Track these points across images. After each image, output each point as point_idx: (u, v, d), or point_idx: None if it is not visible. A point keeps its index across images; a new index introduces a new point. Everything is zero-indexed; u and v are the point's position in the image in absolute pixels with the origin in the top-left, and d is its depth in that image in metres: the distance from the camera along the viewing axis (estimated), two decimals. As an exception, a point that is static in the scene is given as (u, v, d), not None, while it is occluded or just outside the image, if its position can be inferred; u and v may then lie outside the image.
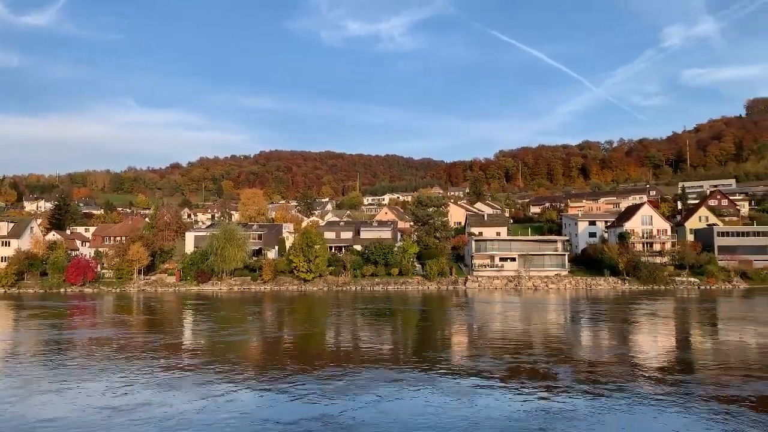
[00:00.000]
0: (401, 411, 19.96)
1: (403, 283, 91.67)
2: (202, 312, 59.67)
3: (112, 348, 34.91)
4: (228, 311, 61.62)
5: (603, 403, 20.67)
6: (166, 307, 66.08)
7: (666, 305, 62.69)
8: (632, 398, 21.37)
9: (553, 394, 22.17)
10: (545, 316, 54.96)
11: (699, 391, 22.52)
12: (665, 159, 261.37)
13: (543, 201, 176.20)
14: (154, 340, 38.15)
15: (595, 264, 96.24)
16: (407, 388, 23.39)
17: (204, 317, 54.90)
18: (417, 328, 46.17)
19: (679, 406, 20.29)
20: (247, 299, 73.80)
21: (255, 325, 47.47)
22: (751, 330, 42.24)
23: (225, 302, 71.70)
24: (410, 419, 18.92)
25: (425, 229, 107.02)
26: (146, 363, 29.44)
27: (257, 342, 38.04)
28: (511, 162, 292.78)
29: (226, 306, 67.28)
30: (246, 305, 66.26)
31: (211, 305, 67.24)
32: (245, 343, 37.66)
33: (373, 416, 19.29)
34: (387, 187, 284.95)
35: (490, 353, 32.20)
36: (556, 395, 21.93)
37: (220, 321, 51.19)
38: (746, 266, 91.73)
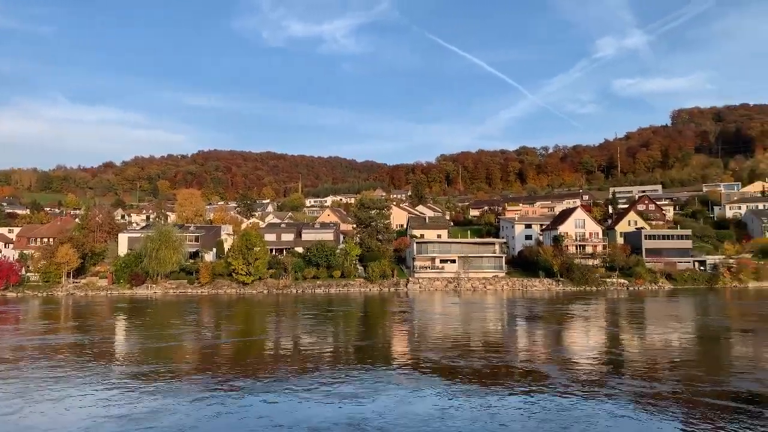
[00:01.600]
0: (330, 414, 19.93)
1: (345, 286, 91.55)
2: (135, 317, 57.51)
3: (26, 356, 33.09)
4: (163, 315, 59.67)
5: (537, 400, 21.30)
6: (96, 312, 63.27)
7: (597, 305, 65.35)
8: (565, 394, 22.12)
9: (489, 392, 22.67)
10: (484, 316, 56.15)
11: (627, 388, 23.57)
12: (597, 165, 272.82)
13: (482, 204, 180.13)
14: (78, 346, 36.47)
15: (531, 266, 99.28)
16: (340, 391, 23.36)
17: (137, 322, 52.93)
18: (358, 330, 46.18)
19: (609, 401, 21.17)
20: (183, 303, 71.70)
21: (190, 330, 46.19)
22: (675, 329, 44.62)
23: (160, 306, 69.39)
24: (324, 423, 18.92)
25: (368, 232, 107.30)
26: (54, 371, 28.10)
27: (192, 348, 37.03)
28: (452, 166, 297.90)
29: (161, 310, 65.12)
30: (182, 309, 64.36)
31: (145, 309, 64.92)
32: (178, 349, 36.58)
33: (295, 421, 19.19)
34: (330, 189, 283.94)
35: (431, 354, 32.60)
36: (492, 394, 22.44)
37: (153, 326, 49.50)
38: (671, 268, 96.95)
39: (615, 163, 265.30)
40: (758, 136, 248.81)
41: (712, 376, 25.95)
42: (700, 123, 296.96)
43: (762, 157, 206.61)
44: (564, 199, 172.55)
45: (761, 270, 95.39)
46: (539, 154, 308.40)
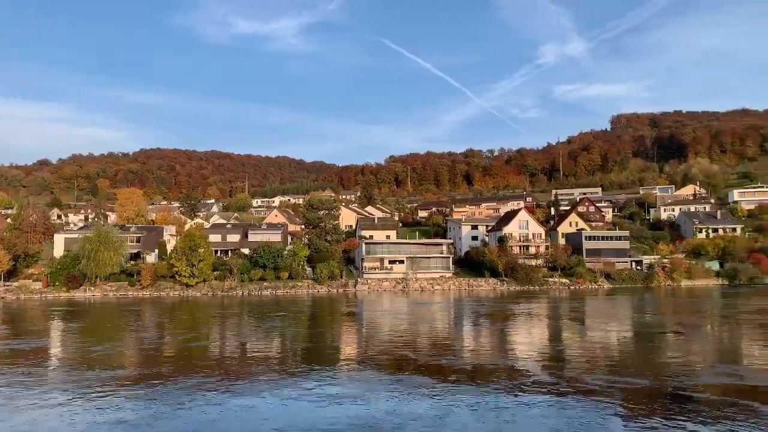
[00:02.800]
0: (271, 415, 19.67)
1: (293, 287, 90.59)
2: (71, 320, 55.04)
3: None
4: (101, 319, 57.40)
5: (484, 396, 21.62)
6: (28, 315, 60.18)
7: (540, 305, 67.10)
8: (508, 391, 22.56)
9: (436, 390, 22.86)
10: (432, 316, 56.69)
11: (568, 383, 24.28)
12: (541, 168, 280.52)
13: (430, 206, 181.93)
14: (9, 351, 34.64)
15: (477, 266, 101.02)
16: (284, 393, 23.09)
17: (73, 326, 50.66)
18: (305, 331, 45.76)
19: (551, 397, 21.72)
20: (123, 306, 69.17)
21: (130, 334, 44.61)
22: (613, 327, 46.33)
23: (99, 309, 66.72)
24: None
25: (316, 232, 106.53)
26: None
27: (131, 352, 35.77)
28: (401, 167, 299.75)
29: (99, 313, 62.63)
30: (122, 312, 62.09)
31: (83, 313, 62.27)
32: (116, 354, 35.28)
33: (239, 424, 18.85)
34: (277, 189, 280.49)
35: (377, 354, 32.64)
36: (439, 392, 22.64)
37: (91, 331, 47.53)
38: (609, 268, 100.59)
39: (557, 166, 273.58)
40: (691, 142, 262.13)
41: (647, 372, 27.04)
42: (638, 128, 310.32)
43: (694, 161, 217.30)
44: (509, 200, 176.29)
45: (693, 269, 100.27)
46: (485, 157, 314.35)
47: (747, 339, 38.97)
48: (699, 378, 25.42)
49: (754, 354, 32.56)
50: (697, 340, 38.44)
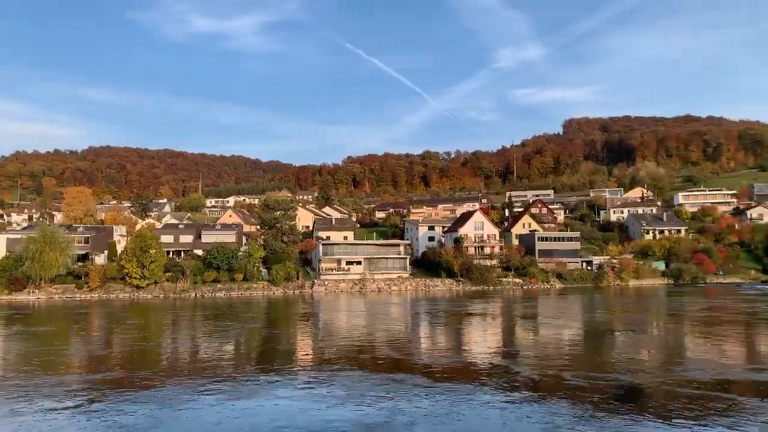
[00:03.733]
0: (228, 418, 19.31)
1: (248, 289, 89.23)
2: (12, 324, 52.62)
3: None
4: (46, 323, 55.12)
5: (440, 394, 21.74)
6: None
7: (495, 304, 68.15)
8: (462, 389, 22.79)
9: (393, 390, 22.87)
10: (389, 316, 56.78)
11: (521, 380, 24.70)
12: (496, 170, 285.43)
13: (388, 206, 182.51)
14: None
15: (433, 266, 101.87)
16: (236, 396, 22.70)
17: (15, 330, 48.44)
18: (259, 334, 45.11)
19: (505, 394, 22.04)
20: (70, 309, 66.64)
21: (76, 338, 43.01)
22: (565, 325, 47.45)
23: (44, 313, 64.07)
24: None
25: (272, 233, 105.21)
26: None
27: (77, 357, 34.47)
28: (359, 168, 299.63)
29: (44, 317, 60.13)
30: (68, 315, 59.81)
31: (26, 316, 59.64)
32: (61, 359, 33.94)
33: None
34: (232, 189, 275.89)
35: (333, 357, 32.45)
36: (396, 391, 22.65)
37: (34, 335, 45.56)
38: (561, 268, 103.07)
39: (512, 168, 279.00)
40: (638, 146, 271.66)
41: (597, 368, 27.78)
42: (589, 132, 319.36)
43: (641, 165, 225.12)
44: (465, 202, 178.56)
45: (640, 269, 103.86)
46: (442, 159, 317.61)
47: (691, 336, 40.54)
48: (646, 373, 26.27)
49: (698, 350, 33.88)
50: (645, 338, 39.74)
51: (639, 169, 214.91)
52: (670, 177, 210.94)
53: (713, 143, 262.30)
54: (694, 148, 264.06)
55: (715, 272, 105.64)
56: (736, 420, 18.23)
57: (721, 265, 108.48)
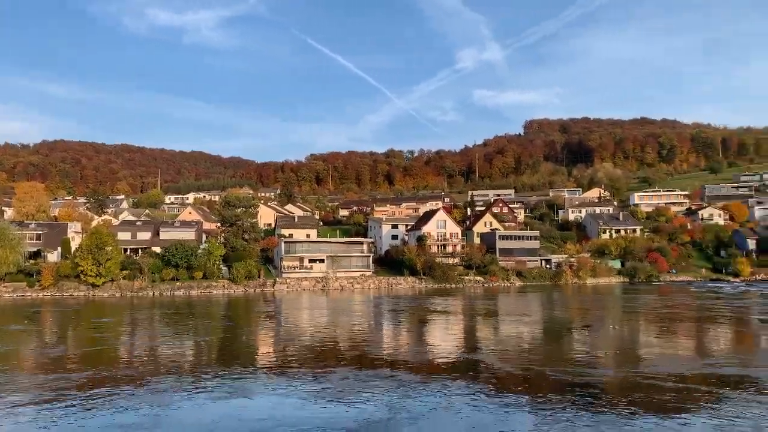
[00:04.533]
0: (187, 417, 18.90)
1: (208, 287, 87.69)
2: None
3: None
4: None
5: (402, 391, 21.76)
6: None
7: (456, 301, 68.78)
8: (428, 384, 22.86)
9: (356, 387, 22.78)
10: (351, 314, 56.65)
11: (482, 377, 24.95)
12: (458, 170, 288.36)
13: (351, 204, 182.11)
14: None
15: (396, 265, 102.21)
16: (204, 394, 22.25)
17: None
18: (219, 333, 44.37)
19: (466, 389, 22.20)
20: (20, 308, 64.20)
21: (27, 338, 41.43)
22: (524, 322, 48.24)
23: None
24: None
25: (233, 231, 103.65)
26: None
27: (30, 357, 33.21)
28: (322, 165, 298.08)
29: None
30: (18, 314, 57.58)
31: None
32: (11, 358, 32.65)
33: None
34: (192, 186, 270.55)
35: (295, 355, 32.16)
36: (359, 389, 22.56)
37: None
38: (521, 266, 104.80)
39: (474, 168, 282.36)
40: (596, 148, 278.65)
41: (556, 364, 28.30)
42: (549, 133, 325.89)
43: (599, 166, 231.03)
44: (428, 201, 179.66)
45: (597, 268, 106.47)
46: (406, 158, 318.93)
47: (646, 333, 41.74)
48: (603, 369, 26.89)
49: (653, 346, 34.88)
50: (602, 334, 40.72)
51: (597, 170, 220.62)
52: (626, 178, 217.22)
53: (667, 145, 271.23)
54: (650, 150, 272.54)
55: (668, 270, 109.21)
56: (693, 411, 18.81)
57: (673, 263, 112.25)
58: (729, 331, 41.90)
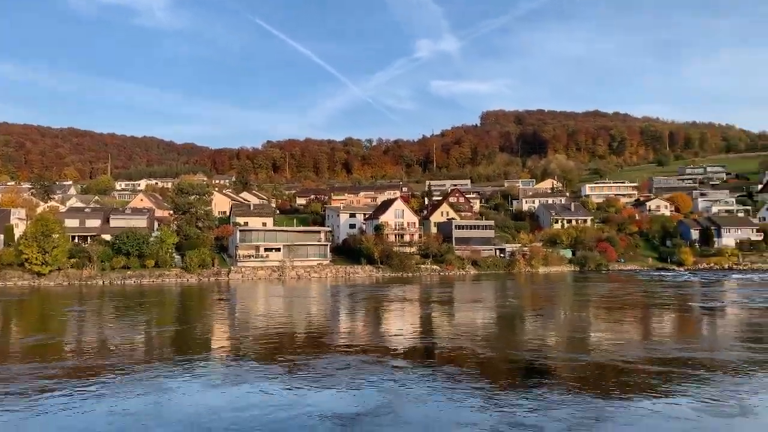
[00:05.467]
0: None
1: (160, 276, 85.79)
2: None
3: None
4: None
5: (357, 379, 21.89)
6: None
7: (413, 290, 69.44)
8: (385, 373, 23.06)
9: (309, 375, 22.78)
10: (308, 303, 56.48)
11: (437, 362, 25.34)
12: (416, 159, 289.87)
13: (309, 193, 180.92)
14: None
15: (354, 253, 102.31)
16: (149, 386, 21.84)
17: None
18: (171, 323, 43.55)
19: (421, 376, 22.52)
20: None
21: None
22: (478, 309, 49.16)
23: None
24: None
25: (186, 218, 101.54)
26: None
27: None
28: (279, 153, 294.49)
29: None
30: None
31: None
32: None
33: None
34: (144, 172, 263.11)
35: (251, 343, 31.88)
36: (312, 377, 22.58)
37: None
38: (476, 255, 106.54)
39: (432, 158, 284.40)
40: (550, 140, 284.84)
41: (509, 350, 28.99)
42: (505, 125, 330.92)
43: (553, 157, 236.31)
44: (386, 190, 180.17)
45: (549, 257, 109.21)
46: (364, 146, 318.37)
47: (595, 319, 43.15)
48: (554, 354, 27.71)
49: (602, 331, 36.12)
50: (553, 321, 41.89)
51: (550, 162, 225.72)
52: (578, 169, 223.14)
53: (618, 138, 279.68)
54: (601, 143, 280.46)
55: (616, 260, 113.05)
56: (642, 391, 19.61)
57: (622, 253, 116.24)
58: (673, 317, 43.75)
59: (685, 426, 16.19)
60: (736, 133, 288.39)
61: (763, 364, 24.18)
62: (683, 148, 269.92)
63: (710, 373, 22.45)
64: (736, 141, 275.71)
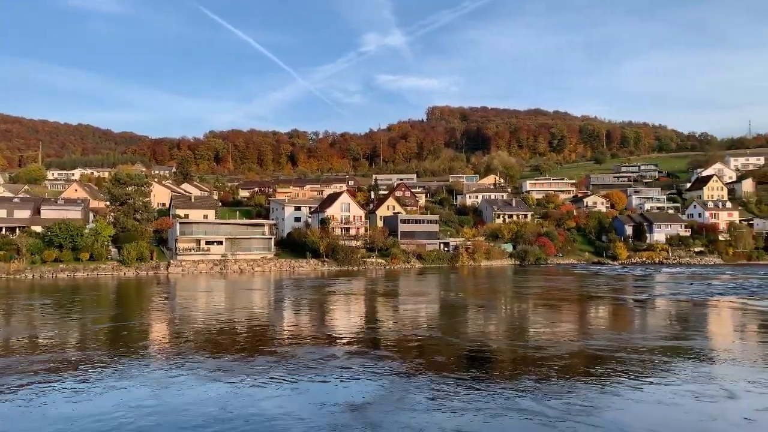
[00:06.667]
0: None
1: (95, 269, 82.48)
2: None
3: None
4: None
5: (297, 376, 21.74)
6: None
7: (359, 283, 69.55)
8: (324, 365, 22.99)
9: (251, 371, 22.45)
10: (249, 298, 55.63)
11: (382, 355, 25.47)
12: (363, 153, 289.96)
13: (253, 185, 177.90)
14: None
15: (299, 247, 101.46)
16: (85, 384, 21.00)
17: None
18: (106, 318, 41.94)
19: (365, 369, 22.59)
20: None
21: None
22: (422, 302, 49.75)
23: None
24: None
25: (124, 210, 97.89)
26: None
27: None
28: (222, 144, 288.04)
29: None
30: None
31: None
32: None
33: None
34: (79, 161, 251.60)
35: (191, 337, 31.12)
36: (253, 373, 22.27)
37: None
38: (421, 249, 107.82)
39: (378, 152, 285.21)
40: (493, 137, 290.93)
41: (451, 341, 29.49)
42: (450, 121, 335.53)
43: (496, 154, 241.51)
44: (332, 183, 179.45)
45: (491, 251, 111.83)
46: (310, 139, 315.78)
47: (534, 311, 44.49)
48: (494, 344, 28.38)
49: (540, 323, 37.27)
50: (494, 313, 42.89)
51: (493, 158, 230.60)
52: (520, 166, 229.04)
53: (558, 136, 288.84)
54: (542, 140, 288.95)
55: (555, 254, 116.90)
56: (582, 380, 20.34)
57: (560, 247, 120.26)
58: (607, 308, 45.64)
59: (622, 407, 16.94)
60: (668, 134, 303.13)
61: (683, 352, 25.58)
62: (619, 147, 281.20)
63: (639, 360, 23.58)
64: (668, 141, 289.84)
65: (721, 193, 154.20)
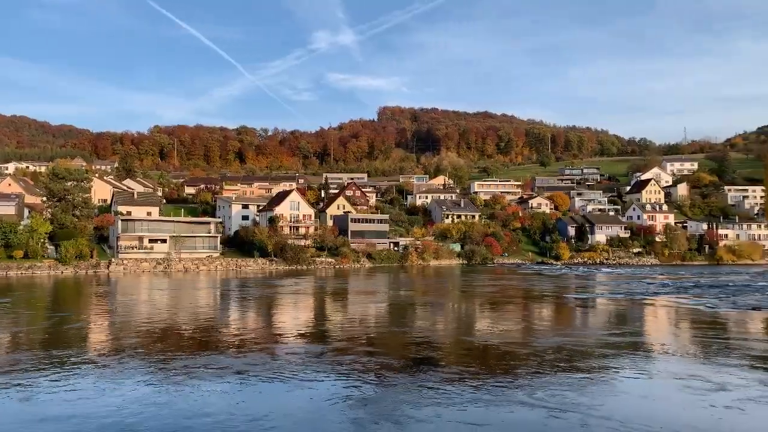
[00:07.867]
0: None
1: (30, 268, 78.85)
2: None
3: None
4: None
5: (247, 381, 21.43)
6: None
7: (307, 283, 69.10)
8: (272, 369, 22.76)
9: (197, 374, 21.98)
10: (192, 298, 54.36)
11: (328, 355, 25.42)
12: (314, 151, 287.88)
13: (198, 182, 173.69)
14: None
15: (246, 246, 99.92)
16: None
17: None
18: (43, 319, 40.16)
19: (314, 369, 22.49)
20: None
21: None
22: (371, 301, 49.91)
23: None
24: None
25: (62, 206, 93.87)
26: None
27: None
28: (167, 139, 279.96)
29: None
30: None
31: None
32: None
33: None
34: (13, 154, 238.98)
35: (130, 340, 30.16)
36: (201, 376, 21.82)
37: None
38: (371, 248, 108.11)
39: (329, 150, 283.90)
40: (443, 138, 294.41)
41: (398, 339, 29.71)
42: (401, 121, 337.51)
43: (445, 155, 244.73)
44: (281, 181, 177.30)
45: (440, 250, 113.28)
46: (259, 136, 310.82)
47: (481, 308, 45.36)
48: (442, 342, 28.78)
49: (484, 320, 38.04)
50: (441, 311, 43.48)
51: (443, 159, 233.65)
52: (468, 167, 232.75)
53: (505, 139, 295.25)
54: (490, 142, 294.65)
55: (501, 254, 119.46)
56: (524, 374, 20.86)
57: (506, 247, 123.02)
58: (550, 306, 47.03)
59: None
60: (610, 138, 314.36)
61: (624, 348, 26.69)
62: (563, 150, 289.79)
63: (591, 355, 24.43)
64: (609, 145, 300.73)
65: (658, 197, 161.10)
